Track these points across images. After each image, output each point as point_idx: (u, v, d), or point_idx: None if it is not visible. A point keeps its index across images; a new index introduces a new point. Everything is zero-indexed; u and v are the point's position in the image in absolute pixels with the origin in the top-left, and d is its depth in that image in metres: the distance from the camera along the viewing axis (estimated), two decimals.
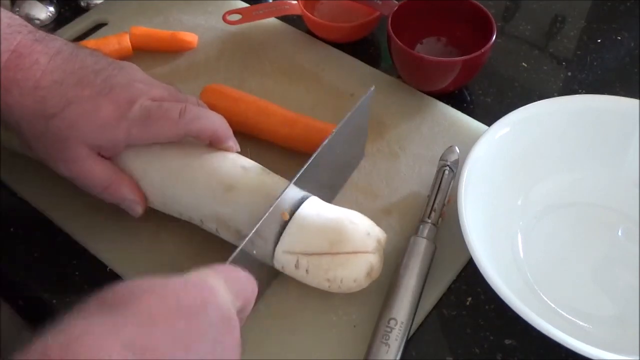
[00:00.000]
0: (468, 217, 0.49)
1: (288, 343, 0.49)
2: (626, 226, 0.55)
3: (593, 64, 0.70)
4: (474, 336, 0.50)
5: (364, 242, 0.48)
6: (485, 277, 0.46)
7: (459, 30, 0.67)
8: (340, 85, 0.66)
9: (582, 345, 0.43)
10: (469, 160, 0.52)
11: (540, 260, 0.53)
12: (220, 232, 0.51)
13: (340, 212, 0.49)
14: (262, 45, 0.70)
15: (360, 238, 0.48)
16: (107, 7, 0.75)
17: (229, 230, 0.50)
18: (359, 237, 0.48)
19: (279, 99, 0.64)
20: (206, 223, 0.51)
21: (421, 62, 0.62)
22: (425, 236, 0.51)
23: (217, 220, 0.50)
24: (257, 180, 0.50)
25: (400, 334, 0.47)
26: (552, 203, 0.56)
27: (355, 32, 0.70)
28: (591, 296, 0.52)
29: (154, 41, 0.69)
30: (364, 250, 0.47)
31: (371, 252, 0.48)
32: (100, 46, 0.67)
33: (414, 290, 0.49)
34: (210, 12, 0.74)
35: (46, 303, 0.53)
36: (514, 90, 0.67)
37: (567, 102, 0.58)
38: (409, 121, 0.63)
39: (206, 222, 0.51)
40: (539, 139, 0.56)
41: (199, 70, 0.68)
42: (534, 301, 0.50)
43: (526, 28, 0.74)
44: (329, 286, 0.48)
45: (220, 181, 0.50)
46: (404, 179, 0.58)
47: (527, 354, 0.49)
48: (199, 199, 0.50)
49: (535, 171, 0.57)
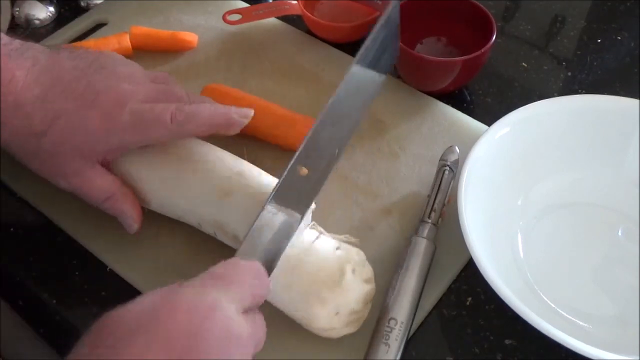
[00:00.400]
0: (468, 217, 0.49)
1: (288, 343, 0.49)
2: (626, 226, 0.55)
3: (593, 64, 0.70)
4: (474, 336, 0.50)
5: (329, 321, 0.45)
6: (485, 277, 0.46)
7: (459, 30, 0.67)
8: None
9: (582, 345, 0.43)
10: (469, 160, 0.52)
11: (540, 260, 0.53)
12: (219, 236, 0.51)
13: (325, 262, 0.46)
14: (262, 45, 0.70)
15: (326, 316, 0.45)
16: (107, 7, 0.75)
17: (227, 235, 0.50)
18: (324, 315, 0.45)
19: (279, 99, 0.64)
20: (204, 227, 0.51)
21: (421, 62, 0.62)
22: (425, 236, 0.51)
23: (214, 225, 0.50)
24: (253, 184, 0.49)
25: (400, 334, 0.47)
26: (552, 203, 0.56)
27: (355, 32, 0.70)
28: (591, 296, 0.52)
29: (154, 41, 0.69)
30: (330, 328, 0.46)
31: (339, 327, 0.46)
32: (100, 46, 0.67)
33: (414, 290, 0.49)
34: (210, 12, 0.74)
35: (46, 303, 0.53)
36: (514, 90, 0.67)
37: (567, 102, 0.58)
38: (409, 121, 0.63)
39: (204, 226, 0.51)
40: (539, 139, 0.56)
41: (199, 70, 0.68)
42: (534, 301, 0.50)
43: (526, 28, 0.74)
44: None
45: (215, 187, 0.49)
46: (404, 179, 0.58)
47: (527, 354, 0.49)
48: (196, 205, 0.50)
49: (535, 171, 0.57)
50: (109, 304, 0.51)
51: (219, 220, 0.49)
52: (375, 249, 0.54)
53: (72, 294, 0.53)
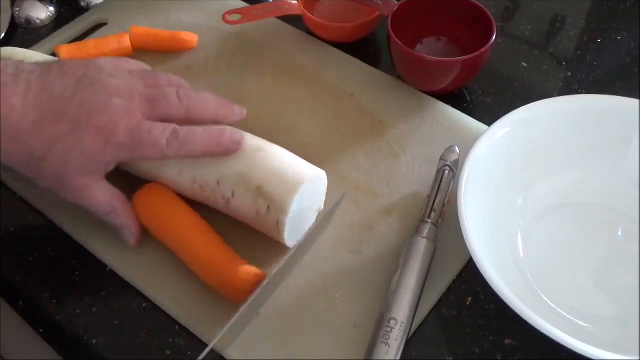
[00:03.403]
0: (468, 217, 0.49)
1: (288, 343, 0.49)
2: (626, 226, 0.55)
3: (593, 64, 0.70)
4: (474, 336, 0.50)
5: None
6: (485, 277, 0.46)
7: (459, 30, 0.67)
8: (340, 85, 0.66)
9: (582, 345, 0.43)
10: (469, 160, 0.52)
11: (540, 260, 0.53)
12: (236, 195, 0.51)
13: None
14: (262, 45, 0.70)
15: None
16: (107, 7, 0.75)
17: (248, 189, 0.50)
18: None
19: (279, 99, 0.64)
20: (223, 184, 0.51)
21: (421, 62, 0.62)
22: (425, 236, 0.51)
23: (236, 180, 0.51)
24: (280, 148, 0.53)
25: (400, 333, 0.47)
26: (552, 203, 0.56)
27: (355, 32, 0.70)
28: (591, 296, 0.52)
29: (154, 41, 0.69)
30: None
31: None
32: (100, 46, 0.67)
33: (414, 290, 0.49)
34: (210, 12, 0.74)
35: (46, 303, 0.53)
36: (514, 90, 0.67)
37: (567, 102, 0.58)
38: (409, 121, 0.63)
39: (224, 183, 0.51)
40: (539, 139, 0.56)
41: (199, 70, 0.68)
42: (534, 301, 0.50)
43: (526, 28, 0.74)
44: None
45: (249, 144, 0.52)
46: (404, 179, 0.58)
47: (527, 354, 0.49)
48: (222, 160, 0.51)
49: (535, 171, 0.57)
50: (109, 304, 0.52)
51: (245, 173, 0.50)
52: (375, 249, 0.54)
53: (72, 294, 0.53)
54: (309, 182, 0.51)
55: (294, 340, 0.49)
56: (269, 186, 0.50)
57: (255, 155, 0.52)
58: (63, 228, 0.56)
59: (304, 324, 0.50)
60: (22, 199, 0.58)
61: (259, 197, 0.50)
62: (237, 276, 0.49)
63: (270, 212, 0.50)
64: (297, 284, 0.52)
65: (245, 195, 0.51)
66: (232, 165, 0.51)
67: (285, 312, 0.51)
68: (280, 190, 0.50)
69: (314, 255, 0.53)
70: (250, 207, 0.51)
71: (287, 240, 0.52)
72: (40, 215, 0.57)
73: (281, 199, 0.49)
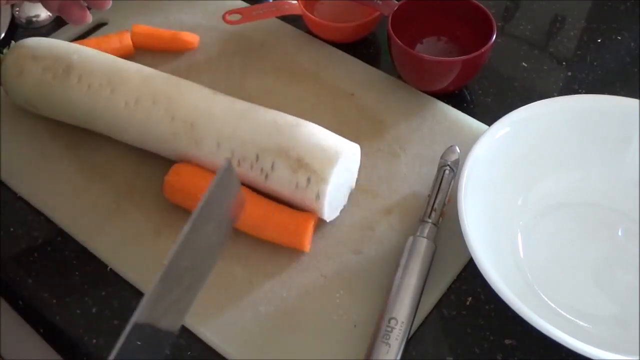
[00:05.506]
0: (468, 217, 0.49)
1: (288, 343, 0.49)
2: (626, 226, 0.55)
3: (593, 64, 0.70)
4: (474, 336, 0.50)
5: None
6: (485, 277, 0.46)
7: (459, 30, 0.67)
8: (340, 85, 0.66)
9: (582, 345, 0.43)
10: (469, 160, 0.52)
11: (540, 260, 0.53)
12: (275, 168, 0.52)
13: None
14: (262, 45, 0.70)
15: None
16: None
17: (288, 161, 0.51)
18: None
19: (279, 99, 0.64)
20: (262, 157, 0.52)
21: (421, 62, 0.62)
22: (425, 236, 0.52)
23: (276, 152, 0.52)
24: (315, 125, 0.54)
25: (400, 333, 0.47)
26: (552, 203, 0.56)
27: (355, 32, 0.70)
28: (591, 296, 0.52)
29: (155, 40, 0.69)
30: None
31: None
32: (102, 44, 0.67)
33: (414, 290, 0.49)
34: (210, 12, 0.74)
35: (46, 303, 0.53)
36: (514, 90, 0.67)
37: (567, 102, 0.58)
38: (409, 121, 0.63)
39: (263, 155, 0.52)
40: (539, 139, 0.56)
41: (200, 70, 0.68)
42: (534, 301, 0.50)
43: (526, 28, 0.74)
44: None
45: (286, 119, 0.54)
46: (404, 179, 0.58)
47: (527, 354, 0.49)
48: (261, 133, 0.53)
49: (536, 171, 0.57)
50: (109, 304, 0.52)
51: (285, 147, 0.52)
52: (375, 248, 0.54)
53: (72, 294, 0.53)
54: (348, 154, 0.53)
55: (294, 340, 0.49)
56: (310, 157, 0.51)
57: (294, 129, 0.53)
58: (63, 228, 0.56)
59: (304, 324, 0.50)
60: (22, 199, 0.58)
61: (299, 169, 0.51)
62: (295, 220, 0.53)
63: (310, 183, 0.51)
64: (298, 284, 0.52)
65: (286, 167, 0.52)
66: (271, 139, 0.52)
67: (285, 312, 0.51)
68: (321, 160, 0.51)
69: (314, 255, 0.53)
70: (290, 180, 0.52)
71: (326, 213, 0.52)
72: (41, 215, 0.57)
73: (322, 168, 0.51)
